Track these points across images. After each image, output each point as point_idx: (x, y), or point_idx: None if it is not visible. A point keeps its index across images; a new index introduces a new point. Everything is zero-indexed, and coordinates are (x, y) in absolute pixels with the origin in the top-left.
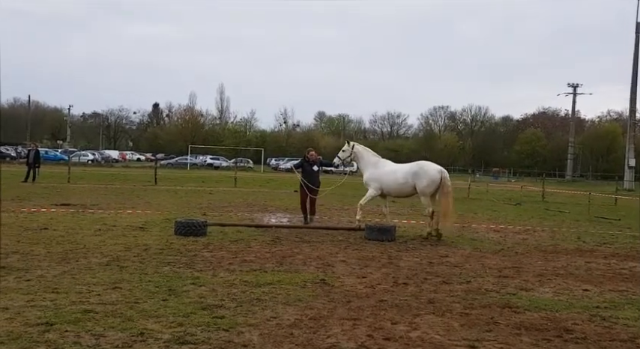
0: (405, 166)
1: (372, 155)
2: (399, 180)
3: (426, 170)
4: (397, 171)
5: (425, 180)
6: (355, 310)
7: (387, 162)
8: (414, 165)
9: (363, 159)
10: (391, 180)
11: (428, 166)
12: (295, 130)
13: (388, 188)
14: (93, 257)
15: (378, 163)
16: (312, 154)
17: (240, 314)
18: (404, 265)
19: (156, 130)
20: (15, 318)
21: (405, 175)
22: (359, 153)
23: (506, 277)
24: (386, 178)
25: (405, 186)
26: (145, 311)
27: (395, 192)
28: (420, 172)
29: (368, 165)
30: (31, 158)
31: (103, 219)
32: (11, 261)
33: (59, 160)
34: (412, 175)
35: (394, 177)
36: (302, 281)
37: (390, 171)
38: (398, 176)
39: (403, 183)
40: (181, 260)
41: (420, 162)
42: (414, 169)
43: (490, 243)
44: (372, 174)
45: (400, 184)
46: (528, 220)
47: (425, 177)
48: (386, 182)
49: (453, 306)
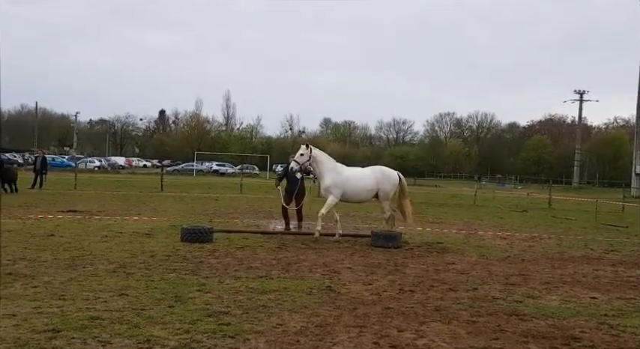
0: (366, 172)
1: (331, 160)
2: (368, 187)
3: (388, 175)
4: (363, 178)
5: (389, 185)
6: (361, 317)
7: (344, 167)
8: (375, 170)
9: (322, 164)
10: (360, 186)
11: (389, 171)
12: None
13: (354, 194)
14: (99, 263)
15: (337, 168)
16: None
17: (246, 321)
18: (410, 272)
19: (162, 137)
20: (22, 325)
21: (370, 182)
22: (317, 157)
23: (513, 284)
24: (352, 184)
25: (371, 192)
26: (152, 317)
27: (357, 199)
28: (384, 178)
29: (328, 171)
30: (38, 164)
31: (109, 226)
32: (18, 268)
33: (66, 167)
34: (376, 181)
35: (361, 184)
36: (308, 288)
37: (356, 177)
38: (366, 182)
39: (371, 189)
40: (187, 266)
41: (381, 168)
42: (377, 175)
43: (497, 250)
44: (335, 179)
45: (368, 191)
46: (535, 227)
47: (388, 182)
48: (352, 188)
49: (460, 314)
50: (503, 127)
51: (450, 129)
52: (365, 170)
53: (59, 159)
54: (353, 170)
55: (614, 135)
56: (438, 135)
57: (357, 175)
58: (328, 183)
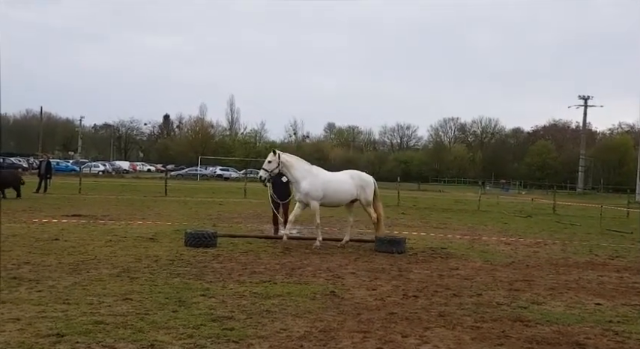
0: (346, 177)
1: (304, 162)
2: (349, 191)
3: (367, 180)
4: (344, 182)
5: (369, 190)
6: (365, 322)
7: (320, 169)
8: (354, 175)
9: (294, 168)
10: (341, 190)
11: (366, 176)
12: (305, 141)
13: (334, 198)
14: (104, 268)
15: (312, 171)
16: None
17: (250, 326)
18: (414, 277)
19: (166, 141)
20: (26, 329)
21: (351, 187)
22: (288, 162)
23: (518, 290)
24: (333, 188)
25: (351, 197)
26: (156, 322)
27: (337, 203)
28: (364, 184)
29: (304, 174)
30: (43, 169)
31: (113, 230)
32: (23, 272)
33: (70, 171)
34: (356, 187)
35: (342, 188)
36: (312, 293)
37: (334, 181)
38: (347, 187)
39: (351, 194)
40: (191, 271)
41: (358, 173)
42: (357, 181)
43: (501, 256)
44: (313, 183)
45: (350, 195)
46: (539, 233)
47: (368, 187)
48: (332, 192)
49: (464, 319)
50: (507, 132)
51: (454, 134)
52: (343, 174)
53: (64, 164)
54: (331, 174)
55: (619, 141)
56: (442, 140)
57: (337, 179)
58: (307, 187)
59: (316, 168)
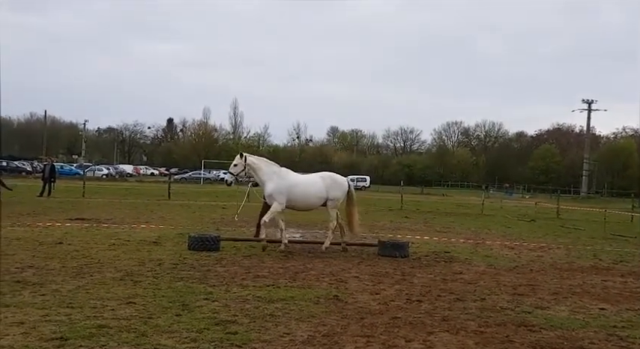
0: (315, 178)
1: (271, 164)
2: (317, 193)
3: (339, 182)
4: (312, 184)
5: (340, 193)
6: (368, 327)
7: (289, 172)
8: (325, 177)
9: (261, 171)
10: (309, 192)
11: (339, 178)
12: (308, 145)
13: (301, 200)
14: (107, 271)
15: (281, 173)
16: None
17: (253, 330)
18: (417, 282)
19: (170, 145)
20: (30, 333)
21: (320, 189)
22: (254, 164)
23: (522, 295)
24: (300, 190)
25: (321, 199)
26: (159, 326)
27: (305, 206)
28: (335, 185)
29: (270, 176)
30: (47, 172)
31: (117, 234)
32: (26, 276)
33: (74, 175)
34: (326, 188)
35: (310, 191)
36: (315, 297)
37: (301, 183)
38: (316, 189)
39: (320, 196)
40: (195, 275)
41: (330, 174)
42: (327, 182)
43: (504, 260)
44: (279, 185)
45: (318, 198)
46: (543, 237)
47: (339, 189)
48: (299, 194)
49: (468, 324)
50: (510, 136)
51: (458, 138)
52: (313, 176)
53: (67, 167)
54: (300, 176)
55: (623, 145)
56: (446, 144)
57: (305, 181)
58: (270, 189)
59: (285, 171)
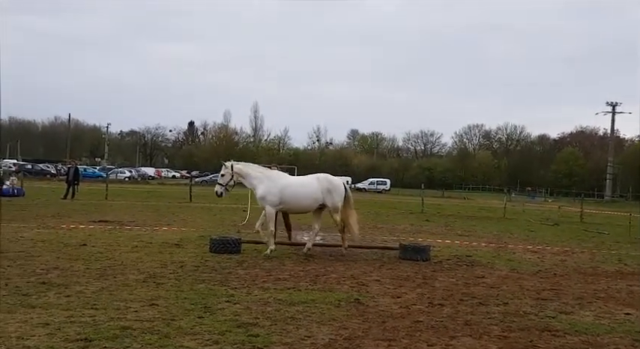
0: (310, 179)
1: (259, 168)
2: (311, 195)
3: (336, 184)
4: (305, 186)
5: (337, 195)
6: (390, 331)
7: (282, 174)
8: (321, 179)
9: (249, 176)
10: (301, 193)
11: (335, 180)
12: (328, 148)
13: (293, 202)
14: (130, 273)
15: (272, 176)
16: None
17: (274, 332)
18: (439, 285)
19: (191, 148)
20: (55, 334)
21: (315, 191)
22: (241, 171)
23: (545, 299)
24: (291, 191)
25: (316, 201)
26: (182, 328)
27: (299, 209)
28: (331, 188)
29: (261, 179)
30: (71, 175)
31: (139, 236)
32: (52, 277)
33: (97, 177)
34: (322, 191)
35: (303, 192)
36: (336, 300)
37: (294, 185)
38: (309, 190)
39: (315, 198)
40: (216, 277)
41: (327, 176)
42: (324, 184)
43: (527, 264)
44: (269, 187)
45: (310, 200)
46: (567, 241)
47: (336, 191)
48: (291, 196)
49: (491, 329)
50: (533, 139)
51: (479, 141)
52: (308, 177)
53: (91, 170)
54: (293, 177)
55: None
56: (467, 147)
57: (298, 182)
58: (261, 191)
59: (277, 173)
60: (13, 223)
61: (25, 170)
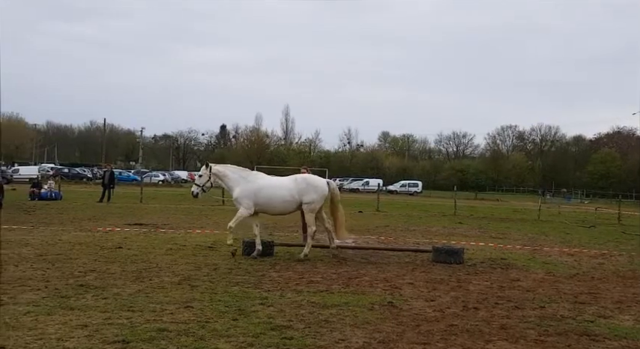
0: (286, 181)
1: (238, 170)
2: (285, 196)
3: (313, 184)
4: (280, 188)
5: (315, 195)
6: (425, 334)
7: (260, 175)
8: (298, 179)
9: (226, 177)
10: (274, 196)
11: (315, 180)
12: (359, 150)
13: (268, 205)
14: (165, 276)
15: (249, 177)
16: (303, 171)
17: (308, 335)
18: (473, 289)
19: (223, 151)
20: (94, 335)
21: (290, 192)
22: (219, 172)
23: (583, 303)
24: (265, 193)
25: (290, 203)
26: (216, 330)
27: (275, 210)
28: (309, 188)
29: (237, 181)
30: (107, 179)
31: (174, 239)
32: (89, 279)
33: (132, 181)
34: (298, 191)
35: (278, 194)
36: (369, 303)
37: (269, 186)
38: (282, 193)
39: (290, 200)
40: (249, 280)
41: (305, 176)
42: (300, 185)
43: (564, 267)
44: (243, 190)
45: (286, 202)
46: (604, 244)
47: (314, 192)
48: (264, 198)
49: (527, 333)
50: (568, 140)
51: (512, 142)
52: (285, 179)
53: (125, 174)
54: (271, 179)
55: None
56: (500, 148)
57: (273, 184)
58: (236, 194)
59: (255, 175)
60: (52, 226)
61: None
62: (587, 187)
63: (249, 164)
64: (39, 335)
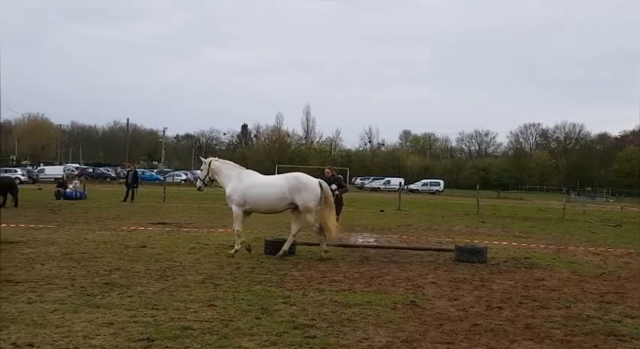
0: (277, 179)
1: (233, 167)
2: (275, 194)
3: (305, 182)
4: (270, 185)
5: (308, 195)
6: (448, 334)
7: (252, 174)
8: (288, 178)
9: (221, 173)
10: (263, 194)
11: (307, 179)
12: (380, 149)
13: (256, 202)
14: (189, 274)
15: (241, 175)
16: (327, 172)
17: (331, 334)
18: (497, 288)
19: (244, 151)
20: (119, 333)
21: (281, 190)
22: (216, 168)
23: (609, 303)
24: (254, 191)
25: (281, 201)
26: (240, 329)
27: (265, 209)
28: (300, 186)
29: (229, 179)
30: (130, 178)
31: (196, 238)
32: (114, 278)
33: (155, 180)
34: (289, 189)
35: (267, 192)
36: (392, 302)
37: (259, 185)
38: (272, 191)
39: (280, 198)
40: (272, 279)
41: (296, 175)
42: (292, 183)
43: (589, 267)
44: (234, 188)
45: (276, 200)
46: (631, 243)
47: (307, 191)
48: (254, 197)
49: (553, 333)
50: (592, 138)
51: (536, 140)
52: (275, 177)
53: (148, 173)
54: (262, 178)
55: None
56: (523, 146)
57: (264, 182)
58: (227, 191)
59: (247, 173)
60: (77, 225)
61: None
62: (613, 186)
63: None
64: (66, 333)
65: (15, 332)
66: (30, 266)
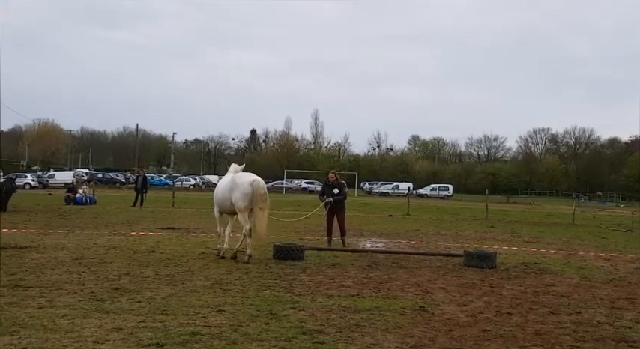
0: (227, 180)
1: (229, 171)
2: (226, 196)
3: (237, 183)
4: (224, 187)
5: (237, 194)
6: (457, 339)
7: (229, 176)
8: (232, 178)
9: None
10: (221, 196)
11: (240, 178)
12: (389, 154)
13: (221, 206)
14: (197, 279)
15: (225, 178)
16: (331, 176)
17: (340, 339)
18: (507, 293)
19: (253, 155)
20: (128, 338)
21: (228, 191)
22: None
23: (620, 309)
24: (219, 195)
25: (227, 201)
26: (249, 334)
27: (227, 210)
28: (233, 186)
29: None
30: (139, 183)
31: (205, 243)
32: (123, 283)
33: (164, 185)
34: (230, 190)
35: (224, 194)
36: (401, 307)
37: (220, 186)
38: (225, 193)
39: (226, 198)
40: (280, 284)
41: (236, 175)
42: (231, 183)
43: (600, 272)
44: (215, 190)
45: (226, 200)
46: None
47: (237, 190)
48: (218, 199)
49: (563, 339)
50: (602, 143)
51: (545, 145)
52: (227, 178)
53: (158, 178)
54: (226, 179)
55: None
56: (532, 151)
57: (222, 184)
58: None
59: (227, 176)
60: (87, 230)
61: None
62: (623, 190)
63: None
64: (75, 338)
65: (25, 337)
66: (40, 272)
